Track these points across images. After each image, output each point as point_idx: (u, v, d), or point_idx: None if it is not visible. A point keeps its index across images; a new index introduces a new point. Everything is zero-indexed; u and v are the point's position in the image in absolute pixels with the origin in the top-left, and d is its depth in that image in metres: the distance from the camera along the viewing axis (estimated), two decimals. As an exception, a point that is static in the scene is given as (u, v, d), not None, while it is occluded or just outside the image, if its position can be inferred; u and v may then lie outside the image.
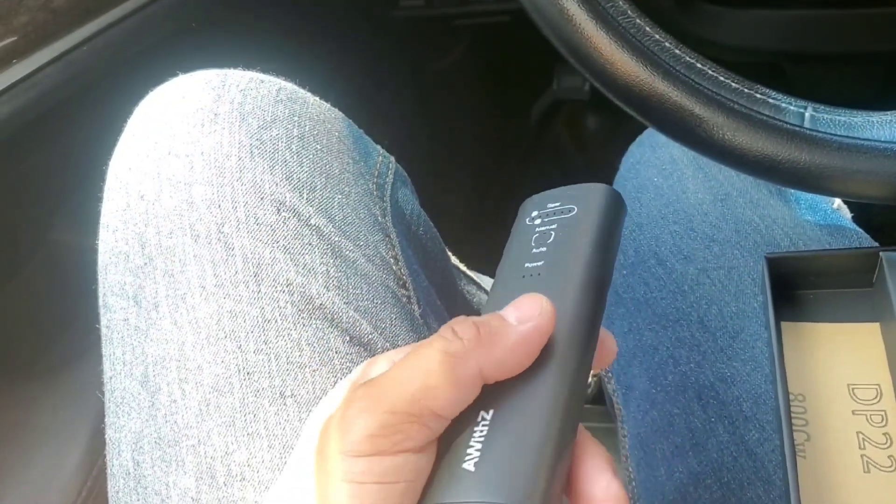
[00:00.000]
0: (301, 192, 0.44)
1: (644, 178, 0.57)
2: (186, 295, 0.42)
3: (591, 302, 0.29)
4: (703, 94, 0.40)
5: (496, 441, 0.26)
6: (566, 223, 0.31)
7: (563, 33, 0.42)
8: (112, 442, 0.44)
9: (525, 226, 0.33)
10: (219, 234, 0.42)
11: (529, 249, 0.31)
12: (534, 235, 0.32)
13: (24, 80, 0.59)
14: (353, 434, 0.25)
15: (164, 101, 0.47)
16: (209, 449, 0.39)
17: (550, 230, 0.31)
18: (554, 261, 0.30)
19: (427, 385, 0.25)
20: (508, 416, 0.26)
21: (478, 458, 0.25)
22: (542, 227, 0.32)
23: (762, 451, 0.44)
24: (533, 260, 0.31)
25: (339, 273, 0.43)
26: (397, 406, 0.25)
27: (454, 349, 0.25)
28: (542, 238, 0.31)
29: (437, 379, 0.25)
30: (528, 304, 0.27)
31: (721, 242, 0.51)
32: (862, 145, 0.38)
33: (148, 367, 0.42)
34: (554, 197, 0.33)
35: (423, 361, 0.25)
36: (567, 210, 0.32)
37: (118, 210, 0.45)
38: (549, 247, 0.31)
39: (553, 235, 0.31)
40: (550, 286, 0.29)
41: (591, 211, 0.31)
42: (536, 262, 0.30)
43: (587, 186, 0.33)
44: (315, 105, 0.49)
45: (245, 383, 0.40)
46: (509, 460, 0.25)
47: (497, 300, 0.30)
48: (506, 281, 0.31)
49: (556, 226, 0.31)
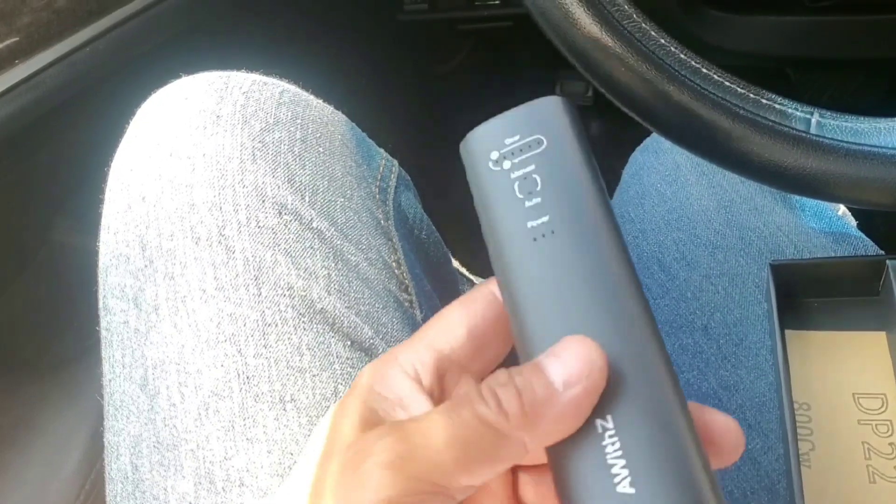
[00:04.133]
0: (303, 196, 0.44)
1: (647, 185, 0.57)
2: (187, 298, 0.41)
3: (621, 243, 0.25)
4: (709, 99, 0.39)
5: (636, 448, 0.22)
6: (544, 160, 0.26)
7: (567, 37, 0.41)
8: (111, 445, 0.44)
9: (492, 173, 0.27)
10: (220, 236, 0.42)
11: (521, 203, 0.26)
12: (514, 184, 0.27)
13: (26, 80, 0.58)
14: (368, 492, 0.21)
15: (167, 102, 0.47)
16: (208, 453, 0.39)
17: (531, 174, 0.26)
18: (561, 213, 0.25)
19: (465, 459, 0.22)
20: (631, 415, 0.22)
21: (629, 476, 0.22)
22: (516, 171, 0.27)
23: (766, 460, 0.44)
24: (533, 217, 0.26)
25: (340, 277, 0.43)
26: (427, 475, 0.22)
27: (496, 423, 0.22)
28: (526, 186, 0.26)
29: (476, 455, 0.22)
30: (574, 357, 0.22)
31: (725, 249, 0.51)
32: (868, 152, 0.37)
33: (147, 371, 0.42)
34: (505, 129, 0.28)
35: (461, 428, 0.22)
36: (535, 143, 0.27)
37: (119, 211, 0.45)
38: (544, 196, 0.26)
39: (539, 181, 0.26)
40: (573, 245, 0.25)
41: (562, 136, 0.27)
42: (539, 218, 0.26)
43: (534, 106, 0.28)
44: (318, 108, 0.49)
45: (245, 388, 0.39)
46: (665, 465, 0.22)
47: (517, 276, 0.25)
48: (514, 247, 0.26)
49: (535, 166, 0.26)
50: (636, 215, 0.56)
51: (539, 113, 0.27)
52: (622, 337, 0.24)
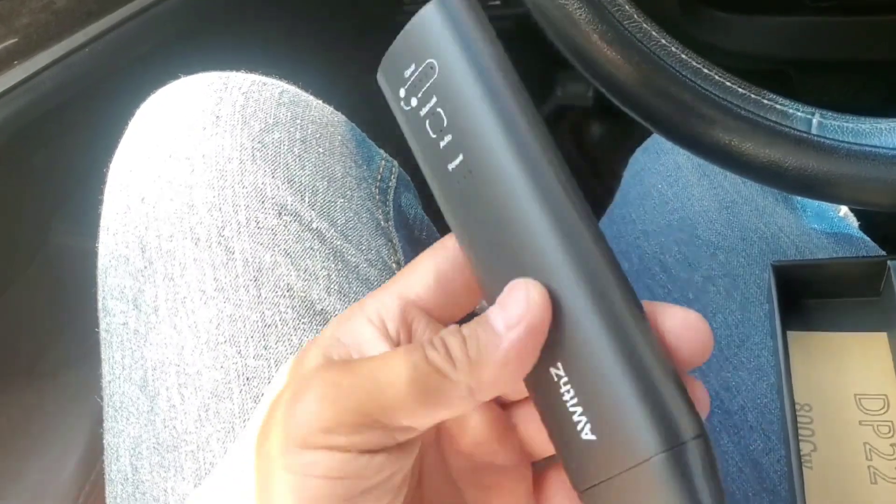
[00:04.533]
0: (303, 196, 0.44)
1: (648, 185, 0.57)
2: (186, 299, 0.41)
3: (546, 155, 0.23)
4: (710, 100, 0.39)
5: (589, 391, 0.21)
6: (441, 89, 0.24)
7: (568, 38, 0.41)
8: (110, 447, 0.43)
9: (405, 113, 0.25)
10: (219, 237, 0.42)
11: (437, 144, 0.24)
12: (426, 122, 0.25)
13: (25, 81, 0.58)
14: (306, 422, 0.21)
15: (166, 103, 0.47)
16: (208, 455, 0.39)
17: (436, 108, 0.24)
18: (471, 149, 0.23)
19: (406, 399, 0.21)
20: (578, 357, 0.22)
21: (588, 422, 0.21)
22: (423, 107, 0.25)
23: (767, 461, 0.43)
24: (450, 158, 0.24)
25: (340, 278, 0.43)
26: (363, 408, 0.21)
27: (441, 367, 0.22)
28: (436, 123, 0.24)
29: (419, 397, 0.22)
30: (514, 300, 0.22)
31: (726, 250, 0.51)
32: (870, 152, 0.37)
33: (147, 372, 0.42)
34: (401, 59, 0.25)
35: (405, 368, 0.22)
36: (430, 70, 0.24)
37: (118, 213, 0.45)
38: (453, 132, 0.24)
39: (444, 115, 0.24)
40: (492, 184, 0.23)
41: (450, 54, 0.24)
42: (455, 158, 0.24)
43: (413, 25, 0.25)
44: (318, 108, 0.49)
45: (244, 389, 0.39)
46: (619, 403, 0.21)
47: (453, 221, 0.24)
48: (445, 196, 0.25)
49: (436, 99, 0.24)
50: (637, 216, 0.55)
51: (424, 30, 0.25)
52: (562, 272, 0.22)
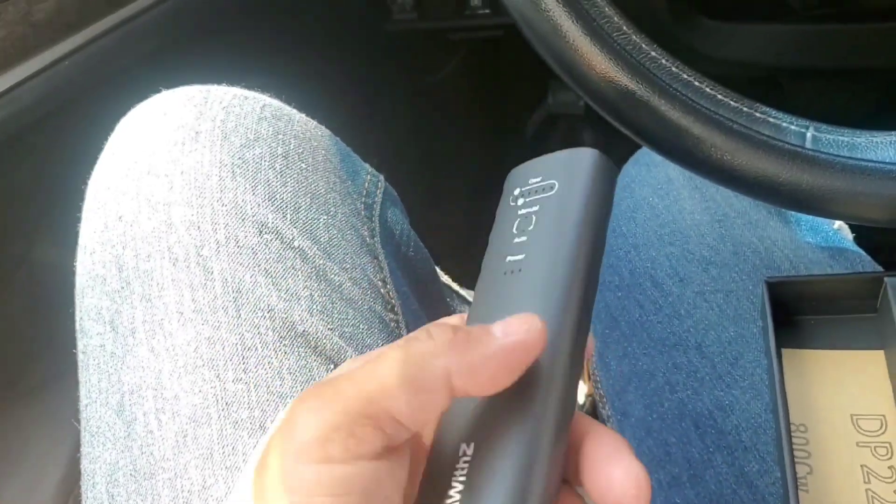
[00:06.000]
0: (284, 213, 0.43)
1: (639, 198, 0.56)
2: (164, 321, 0.40)
3: (578, 310, 0.25)
4: (701, 114, 0.38)
5: (477, 479, 0.23)
6: (548, 204, 0.27)
7: (556, 51, 0.40)
8: (87, 473, 0.42)
9: (508, 207, 0.28)
10: (198, 257, 0.41)
11: (511, 238, 0.27)
12: (516, 221, 0.28)
13: (2, 94, 0.57)
14: (300, 436, 0.22)
15: (145, 118, 0.46)
16: (186, 482, 0.38)
17: (532, 213, 0.27)
18: (535, 254, 0.26)
19: (385, 385, 0.22)
20: (490, 449, 0.23)
21: (458, 499, 0.23)
22: (523, 209, 0.28)
23: (762, 483, 0.42)
24: (514, 252, 0.27)
25: (323, 297, 0.42)
26: (350, 406, 0.22)
27: (421, 349, 0.23)
28: (523, 224, 0.27)
29: (396, 379, 0.22)
30: (515, 320, 0.24)
31: (719, 265, 0.50)
32: (865, 167, 0.36)
33: (124, 396, 0.41)
34: (536, 169, 0.28)
35: (385, 361, 0.22)
36: (548, 187, 0.27)
37: (96, 231, 0.44)
38: (531, 235, 0.27)
39: (534, 220, 0.27)
40: (531, 288, 0.25)
41: (575, 187, 0.27)
42: (517, 254, 0.27)
43: (571, 153, 0.28)
44: (301, 123, 0.48)
45: (223, 414, 0.38)
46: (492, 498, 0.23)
47: (480, 302, 0.27)
48: (487, 278, 0.27)
49: (538, 207, 0.27)
50: (628, 230, 0.55)
51: (570, 160, 0.28)
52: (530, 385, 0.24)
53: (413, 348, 0.23)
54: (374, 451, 0.22)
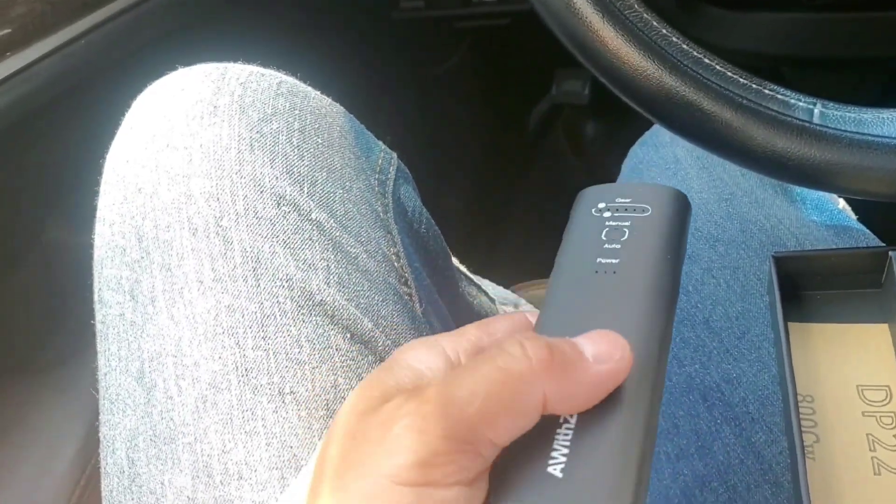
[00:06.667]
0: (301, 186, 0.44)
1: (648, 179, 0.56)
2: (184, 289, 0.41)
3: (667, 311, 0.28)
4: (712, 90, 0.39)
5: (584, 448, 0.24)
6: (641, 223, 0.30)
7: (569, 28, 0.41)
8: (106, 439, 0.43)
9: (592, 217, 0.31)
10: (217, 227, 0.41)
11: (601, 243, 0.30)
12: (604, 229, 0.31)
13: (19, 72, 0.58)
14: (401, 458, 0.21)
15: (163, 93, 0.46)
16: (206, 447, 0.39)
17: (623, 227, 0.30)
18: (630, 260, 0.29)
19: (487, 410, 0.22)
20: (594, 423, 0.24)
21: (564, 464, 0.23)
22: (613, 221, 0.31)
23: (769, 453, 0.43)
24: (606, 256, 0.29)
25: (339, 269, 0.43)
26: (453, 431, 0.21)
27: (520, 370, 0.22)
28: (614, 233, 0.30)
29: (499, 404, 0.22)
30: (606, 343, 0.24)
31: (726, 242, 0.51)
32: (872, 142, 0.37)
33: (144, 364, 0.41)
34: (620, 192, 0.32)
35: (483, 381, 0.22)
36: (641, 209, 0.31)
37: (115, 203, 0.45)
38: (624, 245, 0.30)
39: (627, 233, 0.30)
40: (626, 287, 0.28)
41: (665, 215, 0.31)
42: (610, 258, 0.29)
43: (656, 187, 0.32)
44: (316, 99, 0.48)
45: (243, 380, 0.39)
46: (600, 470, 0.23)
47: (565, 292, 0.29)
48: (575, 272, 0.30)
49: (630, 223, 0.30)
50: (636, 209, 0.55)
51: (659, 193, 0.32)
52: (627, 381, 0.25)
53: (511, 368, 0.22)
54: (470, 476, 0.22)
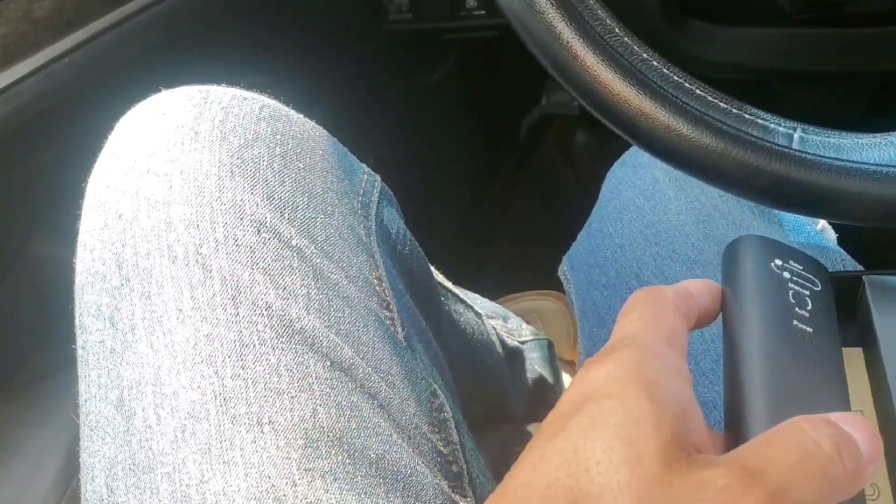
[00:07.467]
0: (282, 213, 0.44)
1: (626, 199, 0.57)
2: (163, 318, 0.41)
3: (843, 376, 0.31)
4: (691, 115, 0.39)
5: None
6: (817, 298, 0.32)
7: (550, 51, 0.41)
8: (86, 467, 0.43)
9: (772, 272, 0.32)
10: (197, 255, 0.41)
11: (791, 306, 0.31)
12: (789, 290, 0.32)
13: (2, 92, 0.58)
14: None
15: (145, 118, 0.46)
16: (184, 476, 0.38)
17: (805, 295, 0.32)
18: (821, 333, 0.31)
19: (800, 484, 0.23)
20: None
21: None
22: (794, 285, 0.32)
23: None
24: (800, 320, 0.31)
25: (320, 296, 0.42)
26: None
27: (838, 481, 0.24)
28: (800, 299, 0.31)
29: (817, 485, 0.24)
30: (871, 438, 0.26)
31: (703, 264, 0.51)
32: (851, 168, 0.37)
33: (123, 391, 0.41)
34: (792, 255, 0.33)
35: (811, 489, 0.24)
36: (814, 282, 0.33)
37: (96, 229, 0.45)
38: (812, 315, 0.31)
39: (810, 304, 0.31)
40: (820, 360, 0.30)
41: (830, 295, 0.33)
42: (804, 325, 0.31)
43: (818, 264, 0.34)
44: (298, 123, 0.48)
45: (222, 409, 0.39)
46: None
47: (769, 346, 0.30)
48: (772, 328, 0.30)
49: (810, 293, 0.32)
50: (614, 230, 0.55)
51: (817, 266, 0.34)
52: None
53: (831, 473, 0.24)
54: None
